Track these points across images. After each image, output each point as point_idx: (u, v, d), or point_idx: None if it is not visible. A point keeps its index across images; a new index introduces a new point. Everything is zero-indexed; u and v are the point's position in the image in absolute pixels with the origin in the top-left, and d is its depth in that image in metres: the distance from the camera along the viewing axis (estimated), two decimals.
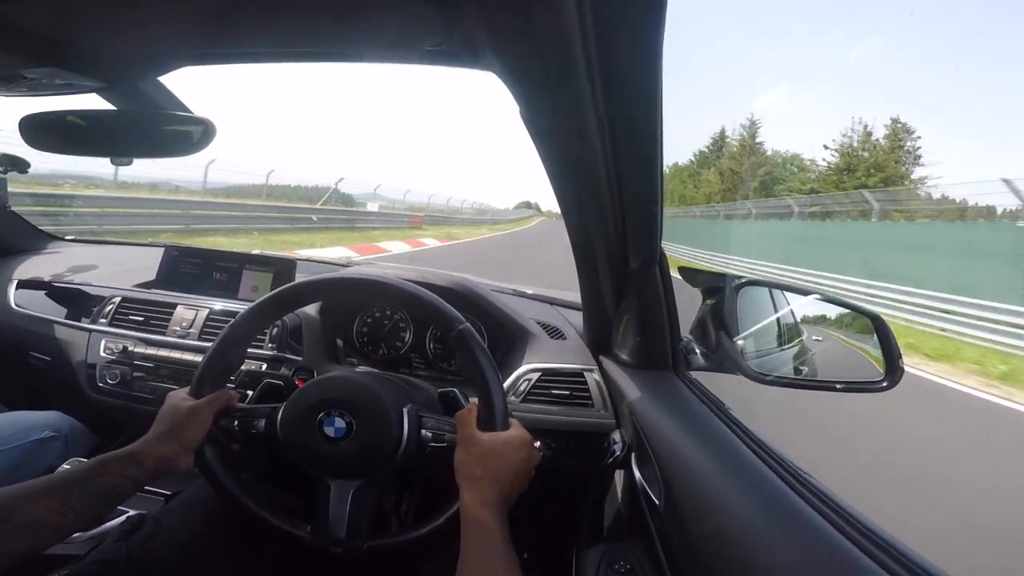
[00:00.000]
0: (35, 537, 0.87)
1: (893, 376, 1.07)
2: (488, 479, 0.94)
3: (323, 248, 12.99)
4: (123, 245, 2.71)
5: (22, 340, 1.84)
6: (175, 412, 1.08)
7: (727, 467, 0.88)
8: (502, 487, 0.94)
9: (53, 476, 0.93)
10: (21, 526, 0.85)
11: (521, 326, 1.67)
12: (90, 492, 0.93)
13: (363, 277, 1.18)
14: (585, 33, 0.64)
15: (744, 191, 41.13)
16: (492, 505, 0.91)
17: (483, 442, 0.98)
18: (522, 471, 0.99)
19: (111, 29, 0.85)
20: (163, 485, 1.67)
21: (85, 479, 0.94)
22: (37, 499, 0.88)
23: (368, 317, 1.79)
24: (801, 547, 0.68)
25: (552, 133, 0.89)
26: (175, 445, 1.05)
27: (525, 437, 1.02)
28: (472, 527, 0.90)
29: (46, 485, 0.90)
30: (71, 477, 0.94)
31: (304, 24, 0.80)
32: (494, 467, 0.96)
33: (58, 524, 0.89)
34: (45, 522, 0.87)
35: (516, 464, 0.98)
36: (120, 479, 0.98)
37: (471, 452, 0.98)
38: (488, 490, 0.93)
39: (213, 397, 1.11)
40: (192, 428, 1.07)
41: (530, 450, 1.02)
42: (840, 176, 40.55)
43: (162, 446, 1.04)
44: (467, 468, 0.97)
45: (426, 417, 1.10)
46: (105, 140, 1.14)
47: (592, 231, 1.17)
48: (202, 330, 1.71)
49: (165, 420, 1.07)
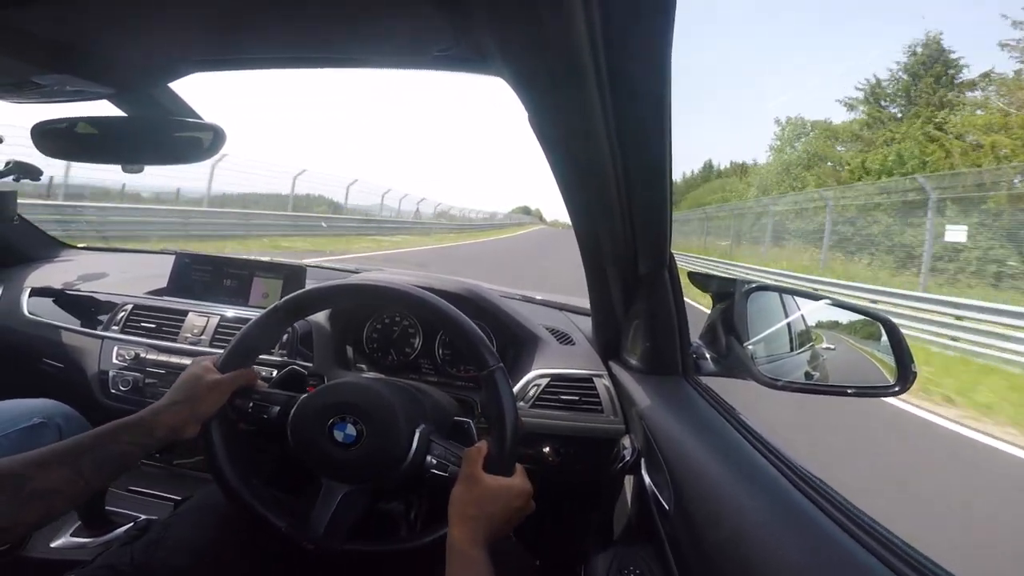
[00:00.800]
0: (48, 504, 0.87)
1: (905, 381, 1.07)
2: (480, 520, 0.95)
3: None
4: (134, 252, 2.73)
5: (35, 347, 1.85)
6: (196, 382, 1.08)
7: (738, 472, 0.87)
8: (491, 529, 0.95)
9: (64, 443, 0.93)
10: (35, 493, 0.85)
11: (530, 331, 1.67)
12: (101, 459, 0.94)
13: (411, 292, 1.16)
14: (594, 38, 0.64)
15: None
16: (479, 544, 0.92)
17: (485, 484, 0.99)
18: (513, 519, 1.00)
19: (122, 35, 0.86)
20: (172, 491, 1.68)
21: (97, 446, 0.95)
22: (50, 466, 0.88)
23: (377, 323, 1.79)
24: (813, 552, 0.67)
25: (560, 138, 0.89)
26: (186, 414, 1.06)
27: (526, 488, 1.03)
28: (460, 562, 0.90)
29: (57, 453, 0.91)
30: (82, 444, 0.94)
31: (314, 30, 0.80)
32: (490, 511, 0.97)
33: (70, 491, 0.89)
34: (57, 489, 0.88)
35: (509, 512, 0.99)
36: (130, 447, 0.98)
37: (471, 491, 0.98)
38: (479, 531, 0.94)
39: (237, 374, 1.12)
40: (208, 401, 1.08)
41: (527, 501, 1.03)
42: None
43: (174, 414, 1.04)
44: (463, 505, 0.97)
45: (436, 443, 1.10)
46: (116, 147, 1.15)
47: (601, 236, 1.16)
48: (213, 337, 1.71)
49: (182, 388, 1.08)
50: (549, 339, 1.67)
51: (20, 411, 1.42)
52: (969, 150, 21.69)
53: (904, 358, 1.08)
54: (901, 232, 17.98)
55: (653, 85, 0.72)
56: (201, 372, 1.10)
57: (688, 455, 0.98)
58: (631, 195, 0.98)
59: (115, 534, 1.53)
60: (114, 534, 1.53)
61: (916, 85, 27.37)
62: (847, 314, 1.21)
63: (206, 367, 1.11)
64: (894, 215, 18.57)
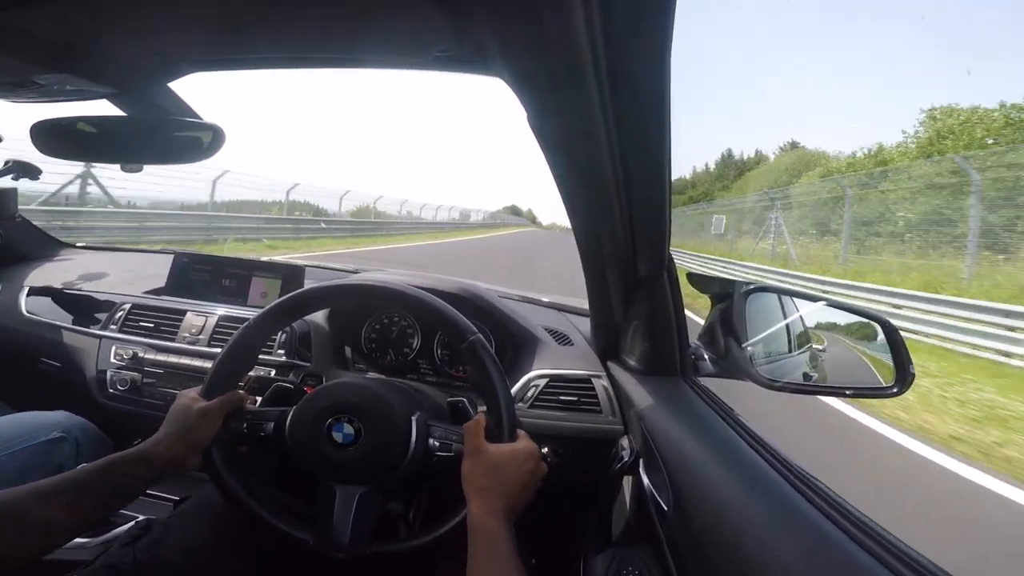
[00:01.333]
0: (46, 538, 0.87)
1: (903, 382, 1.07)
2: (495, 490, 0.95)
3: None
4: (133, 252, 2.73)
5: (33, 346, 1.85)
6: (185, 413, 1.08)
7: (736, 473, 0.87)
8: (508, 498, 0.95)
9: (63, 476, 0.93)
10: (33, 526, 0.85)
11: (529, 332, 1.67)
12: (100, 492, 0.94)
13: (376, 284, 1.18)
14: (593, 39, 0.64)
15: None
16: (499, 516, 0.91)
17: (490, 453, 0.99)
18: (528, 483, 0.99)
19: (121, 35, 0.86)
20: (172, 491, 1.68)
21: (95, 480, 0.95)
22: (48, 499, 0.88)
23: (376, 323, 1.79)
24: (811, 554, 0.67)
25: (560, 139, 0.89)
26: (183, 446, 1.06)
27: (532, 449, 1.03)
28: (479, 537, 0.89)
29: (56, 485, 0.91)
30: (80, 477, 0.94)
31: (314, 30, 0.80)
32: (501, 478, 0.96)
33: (68, 524, 0.90)
34: (56, 522, 0.88)
35: (523, 476, 0.98)
36: (129, 479, 0.99)
37: (478, 463, 0.98)
38: (495, 501, 0.93)
39: (224, 399, 1.12)
40: (201, 429, 1.08)
41: (537, 462, 1.02)
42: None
43: (171, 446, 1.04)
44: (474, 479, 0.97)
45: (434, 426, 1.10)
46: (115, 146, 1.15)
47: (600, 237, 1.17)
48: (212, 336, 1.71)
49: (174, 421, 1.08)
50: (548, 340, 1.68)
51: (39, 424, 1.43)
52: None
53: (903, 359, 1.08)
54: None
55: (653, 86, 0.73)
56: (188, 403, 1.10)
57: (687, 456, 0.98)
58: (630, 196, 0.99)
59: (115, 533, 1.53)
60: (114, 533, 1.53)
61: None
62: (845, 315, 1.21)
63: (192, 397, 1.11)
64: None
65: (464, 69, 0.85)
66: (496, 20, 0.67)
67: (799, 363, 1.27)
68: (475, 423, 1.03)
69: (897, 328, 1.11)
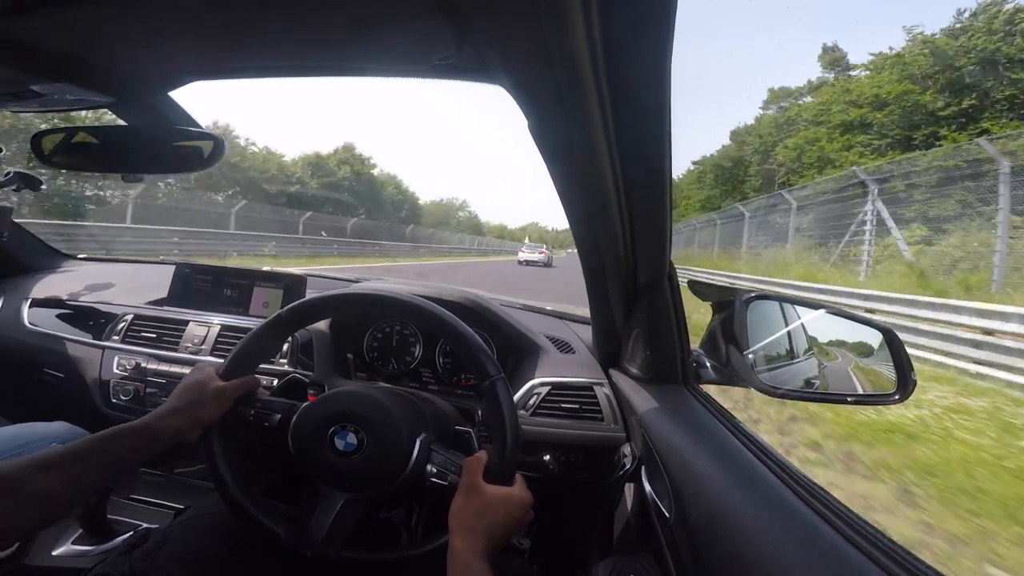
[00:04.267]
0: (48, 508, 0.88)
1: (905, 389, 1.07)
2: (481, 531, 0.95)
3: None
4: (135, 263, 2.74)
5: (36, 357, 1.86)
6: (200, 389, 1.10)
7: (738, 480, 0.87)
8: (492, 540, 0.95)
9: (67, 447, 0.94)
10: (32, 497, 0.86)
11: (530, 340, 1.67)
12: (102, 465, 0.95)
13: (414, 303, 1.16)
14: (594, 48, 0.64)
15: None
16: (480, 556, 0.92)
17: (485, 493, 0.99)
18: (514, 529, 1.00)
19: (122, 45, 0.86)
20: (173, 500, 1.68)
21: (98, 452, 0.95)
22: (49, 471, 0.89)
23: (378, 332, 1.79)
24: (814, 561, 0.67)
25: (561, 147, 0.90)
26: (190, 420, 1.07)
27: (526, 498, 1.04)
28: (460, 573, 0.90)
29: (58, 457, 0.91)
30: (85, 448, 0.95)
31: (315, 38, 0.81)
32: (490, 520, 0.97)
33: (69, 495, 0.90)
34: (57, 493, 0.88)
35: (510, 523, 0.99)
36: (132, 451, 1.00)
37: (471, 501, 0.99)
38: (480, 541, 0.94)
39: (241, 382, 1.13)
40: (211, 407, 1.09)
41: (526, 512, 1.03)
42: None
43: (177, 420, 1.06)
44: (463, 516, 0.97)
45: (436, 452, 1.10)
46: (116, 156, 1.15)
47: (602, 245, 1.17)
48: (214, 346, 1.72)
49: (185, 395, 1.09)
50: (549, 348, 1.68)
51: (36, 434, 1.44)
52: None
53: (904, 367, 1.08)
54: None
55: (653, 95, 0.73)
56: (204, 379, 1.11)
57: (688, 463, 0.98)
58: (631, 205, 0.99)
59: (115, 543, 1.53)
60: (114, 543, 1.53)
61: None
62: (846, 323, 1.21)
63: (209, 374, 1.12)
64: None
65: (464, 77, 0.85)
66: (497, 29, 0.68)
67: (800, 370, 1.27)
68: (476, 460, 1.03)
69: (898, 336, 1.12)
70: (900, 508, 3.40)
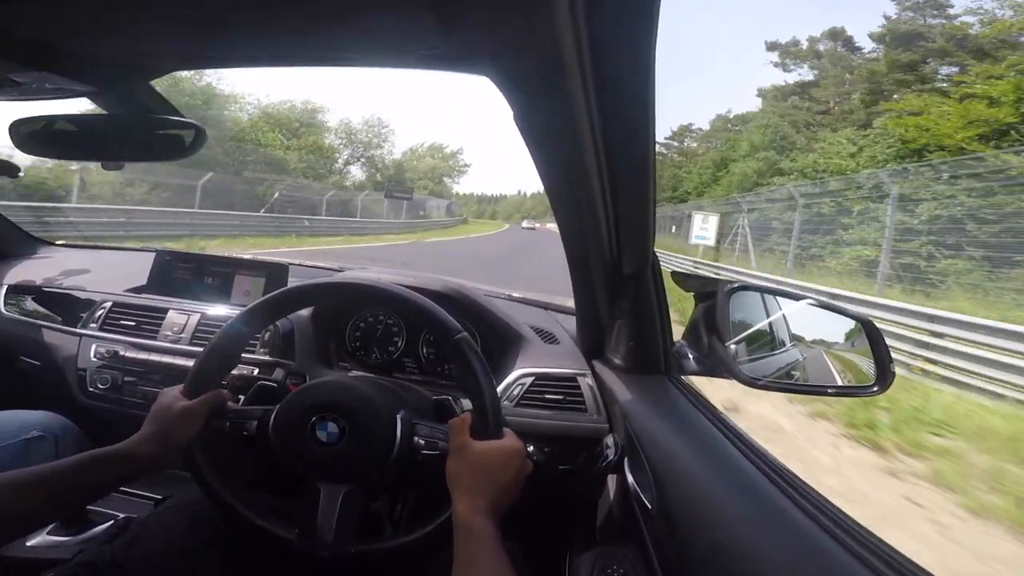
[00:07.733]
0: (22, 527, 0.88)
1: (884, 381, 1.08)
2: (480, 488, 0.94)
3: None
4: (114, 250, 2.70)
5: (12, 344, 1.83)
6: (167, 411, 1.07)
7: (719, 471, 0.88)
8: (493, 495, 0.94)
9: (42, 468, 0.93)
10: (9, 517, 0.85)
11: (515, 331, 1.67)
12: (77, 487, 0.95)
13: (361, 283, 1.18)
14: (579, 40, 0.64)
15: None
16: (484, 513, 0.91)
17: (476, 451, 0.99)
18: (514, 480, 0.99)
19: (103, 33, 0.85)
20: (153, 489, 1.66)
21: (73, 473, 0.95)
22: (24, 490, 0.88)
23: (361, 322, 1.78)
24: (791, 551, 0.68)
25: (545, 137, 0.90)
26: (164, 445, 1.05)
27: (518, 447, 1.02)
28: (464, 535, 0.89)
29: (34, 477, 0.91)
30: (59, 471, 0.94)
31: (298, 28, 0.80)
32: (486, 476, 0.96)
33: (44, 516, 0.91)
34: (31, 513, 0.89)
35: (508, 473, 0.98)
36: (110, 477, 0.99)
37: (463, 461, 0.98)
38: (480, 498, 0.93)
39: (206, 398, 1.11)
40: (183, 428, 1.07)
41: (523, 459, 1.02)
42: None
43: (152, 445, 1.04)
44: (459, 477, 0.97)
45: (419, 424, 1.10)
46: (96, 145, 1.13)
47: (586, 235, 1.17)
48: (194, 335, 1.70)
49: (156, 419, 1.07)
50: (534, 338, 1.68)
51: (18, 423, 1.43)
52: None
53: (883, 359, 1.09)
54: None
55: (637, 85, 0.73)
56: (170, 402, 1.09)
57: (671, 455, 0.98)
58: (615, 194, 0.99)
59: (93, 532, 1.52)
60: (92, 532, 1.52)
61: None
62: (828, 314, 1.22)
63: (174, 396, 1.10)
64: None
65: (450, 67, 0.84)
66: (482, 19, 0.67)
67: (781, 361, 1.28)
68: (460, 420, 1.03)
69: (878, 328, 1.13)
70: None
